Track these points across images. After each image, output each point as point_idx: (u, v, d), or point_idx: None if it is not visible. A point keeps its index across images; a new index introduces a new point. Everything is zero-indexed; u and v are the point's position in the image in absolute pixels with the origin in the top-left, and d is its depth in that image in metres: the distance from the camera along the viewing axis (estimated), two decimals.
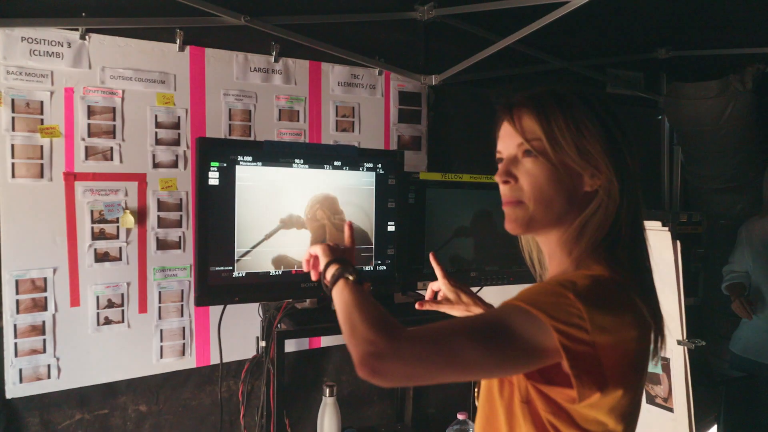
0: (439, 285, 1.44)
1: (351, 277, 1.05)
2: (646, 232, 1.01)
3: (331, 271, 1.10)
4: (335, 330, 2.30)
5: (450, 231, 2.30)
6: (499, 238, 2.37)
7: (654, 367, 2.05)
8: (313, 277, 1.24)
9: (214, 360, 2.30)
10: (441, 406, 2.80)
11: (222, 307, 2.20)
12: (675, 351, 1.97)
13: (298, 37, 2.39)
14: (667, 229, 1.95)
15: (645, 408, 2.09)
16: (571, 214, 0.98)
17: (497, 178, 1.02)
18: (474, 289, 2.53)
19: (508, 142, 1.01)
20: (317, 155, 2.07)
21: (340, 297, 1.02)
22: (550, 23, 2.11)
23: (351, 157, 2.12)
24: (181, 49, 2.23)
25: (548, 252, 1.05)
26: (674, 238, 1.95)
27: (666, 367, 2.01)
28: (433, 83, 2.75)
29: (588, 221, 0.96)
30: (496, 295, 2.63)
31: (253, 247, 1.95)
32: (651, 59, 3.40)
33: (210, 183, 1.88)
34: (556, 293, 0.87)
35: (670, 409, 2.01)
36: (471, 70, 2.63)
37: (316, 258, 1.22)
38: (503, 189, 1.01)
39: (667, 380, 2.01)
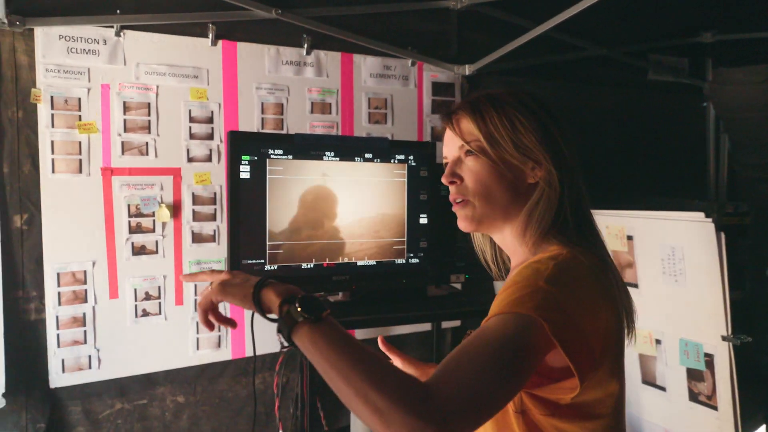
0: None
1: (306, 316, 0.82)
2: (591, 215, 1.05)
3: (282, 312, 0.86)
4: (368, 323, 2.30)
5: None
6: None
7: (697, 364, 1.97)
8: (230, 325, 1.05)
9: (250, 352, 2.33)
10: None
11: None
12: (719, 347, 1.90)
13: (329, 29, 2.38)
14: (710, 220, 1.88)
15: (688, 406, 2.02)
16: (517, 206, 1.02)
17: (444, 180, 1.06)
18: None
19: (450, 146, 1.07)
20: (348, 147, 2.06)
21: (316, 351, 0.80)
22: (587, 8, 2.05)
23: (382, 149, 2.10)
24: (214, 43, 2.24)
25: (507, 249, 1.09)
26: (718, 230, 1.87)
27: (710, 364, 1.93)
28: (467, 73, 2.70)
29: (533, 210, 1.01)
30: None
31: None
32: (695, 44, 3.28)
33: (241, 176, 1.89)
34: (529, 286, 0.88)
35: (714, 408, 1.93)
36: (505, 59, 2.58)
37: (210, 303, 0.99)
38: (451, 189, 1.06)
39: (710, 377, 1.94)
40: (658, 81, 3.30)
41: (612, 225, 2.19)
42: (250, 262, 1.91)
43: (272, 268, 1.94)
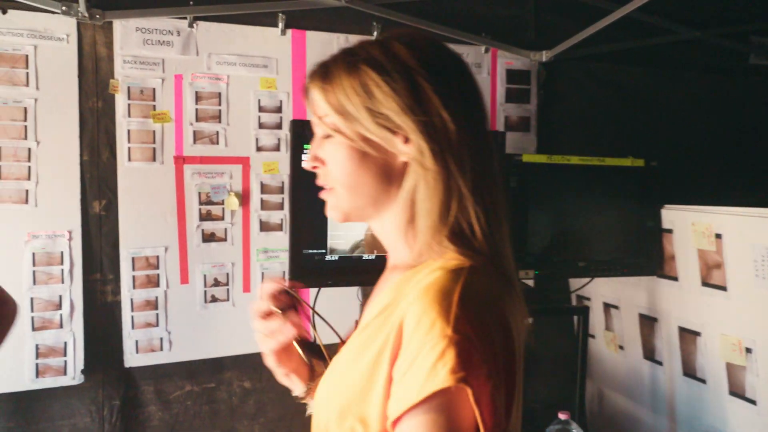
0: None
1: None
2: (503, 212, 0.84)
3: None
4: None
5: (555, 216, 2.15)
6: (612, 225, 2.18)
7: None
8: None
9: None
10: (545, 402, 2.65)
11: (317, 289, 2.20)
12: (759, 341, 1.74)
13: (399, 16, 2.32)
14: None
15: (727, 399, 1.88)
16: (390, 193, 0.83)
17: (305, 165, 0.90)
18: (584, 280, 2.35)
19: (313, 122, 0.88)
20: None
21: None
22: None
23: None
24: (283, 32, 2.25)
25: (385, 242, 0.90)
26: None
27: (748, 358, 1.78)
28: (544, 59, 2.57)
29: (412, 198, 0.80)
30: (608, 286, 2.43)
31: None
32: None
33: (303, 165, 1.88)
34: (432, 341, 0.69)
35: (753, 401, 1.79)
36: (586, 44, 2.43)
37: None
38: (318, 173, 0.88)
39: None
40: (761, 66, 3.02)
41: (698, 222, 2.01)
42: (311, 251, 1.91)
43: (333, 258, 1.93)
